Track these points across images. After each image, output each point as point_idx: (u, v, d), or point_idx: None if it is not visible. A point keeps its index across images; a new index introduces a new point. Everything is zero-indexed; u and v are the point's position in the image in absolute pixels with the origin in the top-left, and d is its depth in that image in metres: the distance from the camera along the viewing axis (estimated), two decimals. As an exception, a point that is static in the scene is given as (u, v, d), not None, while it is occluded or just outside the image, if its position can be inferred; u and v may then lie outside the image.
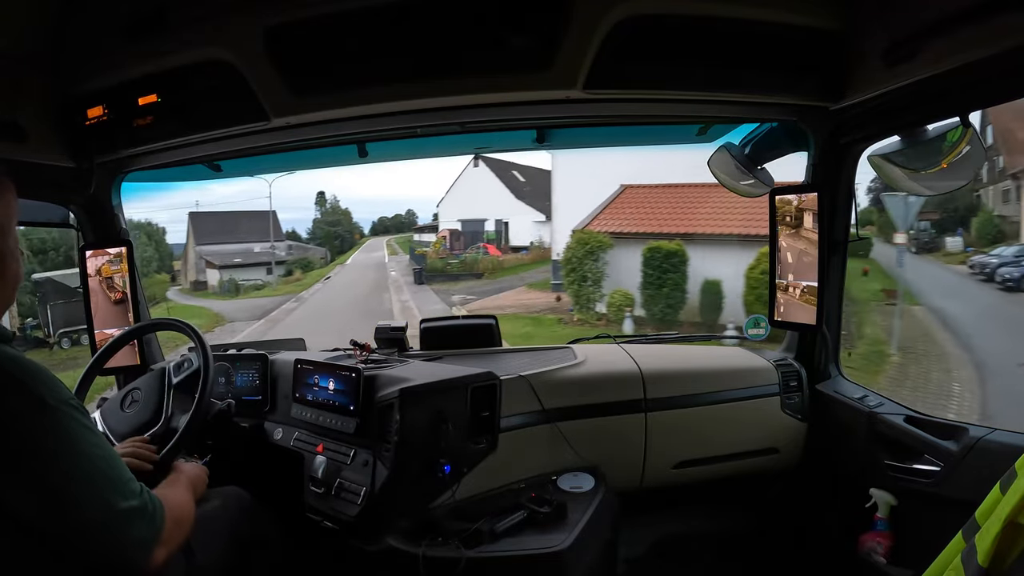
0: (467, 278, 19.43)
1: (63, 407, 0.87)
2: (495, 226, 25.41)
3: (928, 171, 1.41)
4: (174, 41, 1.48)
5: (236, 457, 1.61)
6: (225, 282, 24.04)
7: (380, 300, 16.77)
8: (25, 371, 0.86)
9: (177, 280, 26.34)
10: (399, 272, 23.13)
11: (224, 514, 1.33)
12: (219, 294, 23.41)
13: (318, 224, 36.25)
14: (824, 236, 1.74)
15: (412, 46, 1.42)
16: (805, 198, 1.78)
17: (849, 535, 1.66)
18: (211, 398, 1.46)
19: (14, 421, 0.83)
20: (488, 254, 22.29)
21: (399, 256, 29.34)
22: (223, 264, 25.13)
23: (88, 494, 0.86)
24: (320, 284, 22.78)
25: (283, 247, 29.21)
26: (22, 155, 1.54)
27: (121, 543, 0.88)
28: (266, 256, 25.83)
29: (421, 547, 1.39)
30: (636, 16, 1.36)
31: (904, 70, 1.30)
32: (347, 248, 35.56)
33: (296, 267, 27.15)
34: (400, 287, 19.06)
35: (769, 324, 2.00)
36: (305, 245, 32.73)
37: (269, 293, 22.18)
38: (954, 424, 1.51)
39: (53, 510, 0.84)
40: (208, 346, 1.49)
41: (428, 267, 20.65)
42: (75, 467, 0.85)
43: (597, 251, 11.40)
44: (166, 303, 19.77)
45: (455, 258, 21.84)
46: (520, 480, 1.68)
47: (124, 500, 0.88)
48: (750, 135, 1.93)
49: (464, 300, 15.57)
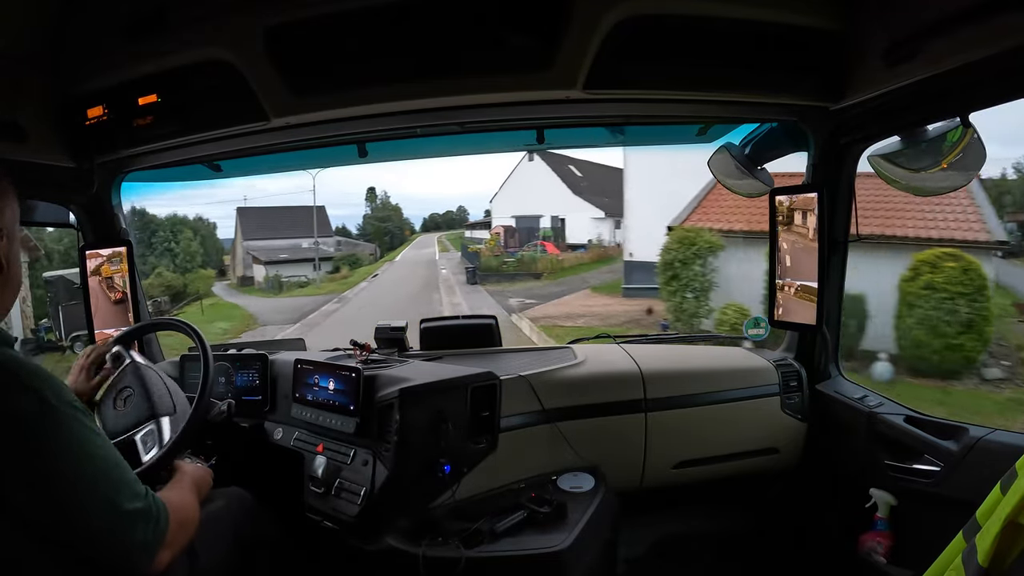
0: (524, 278, 18.10)
1: (66, 409, 0.86)
2: (551, 223, 24.18)
3: (928, 171, 1.42)
4: (174, 41, 1.48)
5: (236, 457, 1.60)
6: (270, 278, 23.52)
7: (429, 301, 15.49)
8: (28, 373, 0.86)
9: (227, 275, 25.87)
10: (450, 270, 21.73)
11: (227, 515, 1.33)
12: (264, 291, 22.88)
13: (368, 220, 36.01)
14: (824, 236, 1.74)
15: (412, 46, 1.42)
16: (805, 198, 1.78)
17: (849, 535, 1.66)
18: (211, 398, 1.45)
19: (18, 423, 0.83)
20: (546, 252, 20.90)
21: (450, 253, 28.09)
22: (269, 260, 24.64)
23: (92, 496, 0.85)
24: (366, 283, 21.85)
25: (332, 243, 28.58)
26: (22, 155, 1.54)
27: (124, 546, 0.88)
28: (312, 252, 25.14)
29: (421, 547, 1.39)
30: (636, 16, 1.36)
31: (904, 70, 1.29)
32: (397, 244, 35.01)
33: (343, 264, 26.36)
34: (451, 287, 17.82)
35: (769, 324, 2.00)
36: (354, 241, 32.31)
37: (312, 291, 21.24)
38: (954, 424, 1.51)
39: (56, 512, 0.84)
40: (208, 346, 1.49)
41: (482, 266, 19.32)
42: (79, 469, 0.85)
43: (705, 253, 8.87)
44: (200, 302, 19.04)
45: (510, 256, 20.56)
46: (520, 480, 1.68)
47: (128, 503, 0.88)
48: (750, 135, 1.93)
49: (523, 304, 13.91)
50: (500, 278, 18.00)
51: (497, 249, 21.77)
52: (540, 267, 18.95)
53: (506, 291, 16.12)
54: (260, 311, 17.09)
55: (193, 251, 23.55)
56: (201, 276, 22.42)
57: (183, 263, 22.96)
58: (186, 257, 23.32)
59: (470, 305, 14.04)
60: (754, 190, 1.96)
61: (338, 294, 19.19)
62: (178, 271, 22.51)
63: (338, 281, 23.07)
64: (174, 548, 0.95)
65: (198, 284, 21.56)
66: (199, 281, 21.86)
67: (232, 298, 21.53)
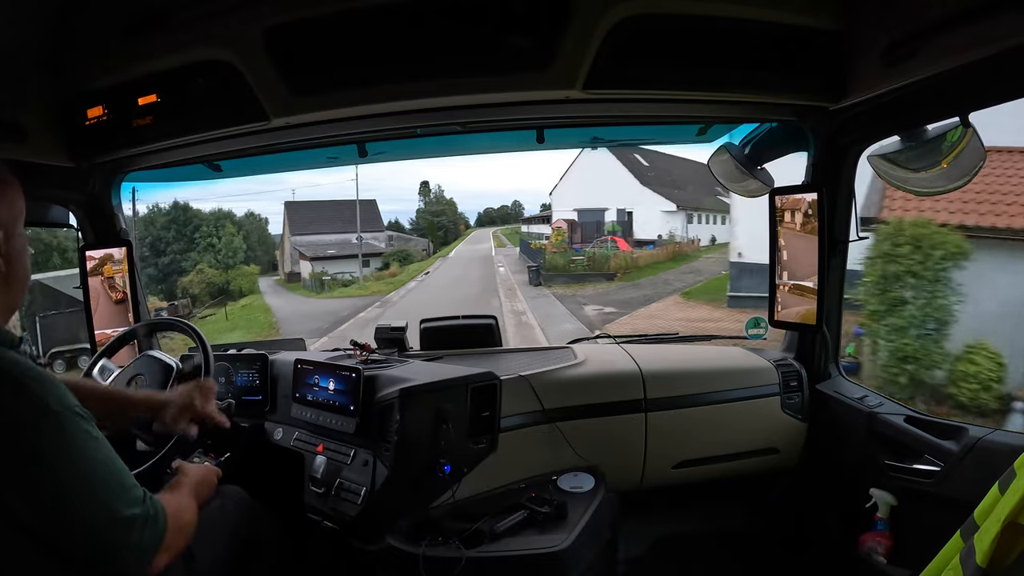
0: (595, 279, 15.99)
1: (67, 413, 0.86)
2: (616, 216, 22.16)
3: (928, 171, 1.42)
4: (174, 41, 1.48)
5: (236, 457, 1.61)
6: (315, 276, 22.53)
7: (487, 306, 12.58)
8: (30, 376, 0.86)
9: (277, 270, 25.12)
10: (508, 267, 19.83)
11: (223, 514, 1.33)
12: (308, 289, 21.77)
13: (421, 214, 35.35)
14: (824, 236, 1.74)
15: (412, 46, 1.42)
16: (805, 198, 1.78)
17: (849, 535, 1.66)
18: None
19: (18, 425, 0.83)
20: (618, 249, 18.66)
21: (507, 249, 26.25)
22: (314, 256, 23.68)
23: (90, 500, 0.85)
24: (415, 282, 19.90)
25: (383, 238, 27.76)
26: (22, 155, 1.54)
27: (121, 551, 0.88)
28: (357, 248, 23.99)
29: (421, 547, 1.39)
30: (636, 16, 1.36)
31: (904, 70, 1.29)
32: (451, 239, 34.10)
33: (393, 259, 25.24)
34: (512, 289, 15.47)
35: (769, 324, 2.00)
36: (407, 236, 31.67)
37: (356, 291, 19.50)
38: (954, 424, 1.52)
39: (54, 515, 0.84)
40: (209, 346, 1.49)
41: (547, 264, 17.13)
42: (78, 473, 0.85)
43: (946, 262, 5.34)
44: (225, 308, 17.48)
45: (576, 253, 18.44)
46: (520, 480, 1.68)
47: (126, 507, 0.88)
48: (750, 135, 1.93)
49: (602, 314, 11.32)
50: (567, 278, 15.86)
51: (563, 245, 19.57)
52: (613, 266, 16.89)
53: (577, 296, 14.06)
54: (290, 316, 15.38)
55: (235, 246, 22.95)
56: (244, 273, 21.52)
57: (225, 259, 22.37)
58: (228, 253, 22.78)
59: (539, 315, 10.96)
60: (754, 190, 1.96)
61: (382, 295, 17.41)
62: (220, 267, 21.75)
63: (385, 280, 21.67)
64: (171, 552, 0.95)
65: (240, 281, 20.69)
66: (241, 278, 21.01)
67: (275, 297, 20.32)
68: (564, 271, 16.52)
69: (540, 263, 17.12)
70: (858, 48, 1.42)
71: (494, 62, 1.42)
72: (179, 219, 24.14)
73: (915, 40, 1.24)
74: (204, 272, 20.93)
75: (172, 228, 23.87)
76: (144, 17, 1.46)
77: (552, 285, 15.34)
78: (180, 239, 23.76)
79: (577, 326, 10.03)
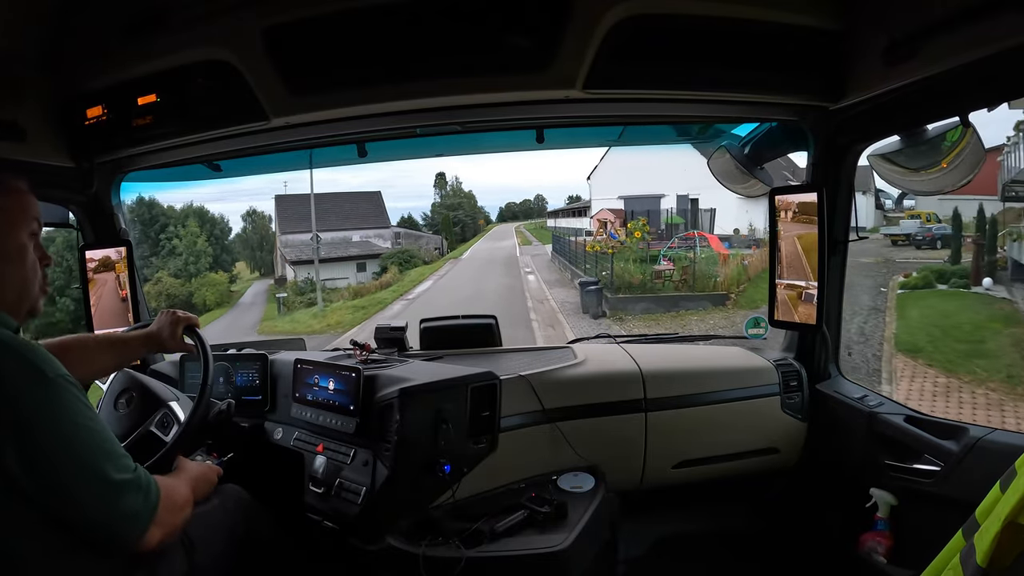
0: (696, 304, 9.71)
1: (61, 380, 0.89)
2: (677, 204, 16.26)
3: (928, 171, 1.42)
4: (174, 41, 1.48)
5: (236, 457, 1.61)
6: (300, 283, 18.04)
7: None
8: (25, 346, 0.90)
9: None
10: (538, 275, 14.02)
11: (222, 513, 1.33)
12: (294, 303, 16.68)
13: (436, 209, 31.88)
14: (824, 236, 1.74)
15: (412, 46, 1.42)
16: (804, 198, 1.78)
17: (849, 535, 1.66)
18: (211, 398, 1.45)
19: (15, 392, 0.85)
20: (711, 250, 12.19)
21: (534, 247, 20.32)
22: (296, 259, 18.82)
23: (82, 463, 0.88)
24: (400, 304, 14.15)
25: (389, 235, 23.52)
26: (22, 155, 1.55)
27: (114, 514, 0.90)
28: (360, 248, 20.04)
29: (421, 547, 1.39)
30: (636, 16, 1.36)
31: (904, 70, 1.30)
32: (470, 236, 29.69)
33: (392, 262, 19.86)
34: (556, 322, 9.23)
35: (769, 324, 2.00)
36: (418, 233, 27.53)
37: (328, 315, 14.10)
38: (954, 424, 1.51)
39: (48, 479, 0.86)
40: (208, 346, 1.49)
41: (618, 279, 10.62)
42: (71, 437, 0.88)
43: None
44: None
45: (656, 257, 11.57)
46: (520, 480, 1.68)
47: (117, 472, 0.91)
48: (750, 135, 1.93)
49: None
50: (648, 303, 9.54)
51: (640, 242, 12.71)
52: (727, 284, 10.25)
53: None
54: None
55: (199, 250, 18.92)
56: (211, 282, 17.28)
57: (187, 265, 18.55)
58: (191, 258, 18.80)
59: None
60: (754, 190, 1.96)
61: (336, 333, 12.05)
62: (182, 276, 17.77)
63: (370, 294, 16.36)
64: (164, 528, 0.96)
65: (205, 292, 16.89)
66: (207, 289, 17.03)
67: (237, 314, 16.82)
68: (643, 290, 10.25)
69: (601, 283, 10.57)
70: (858, 48, 1.42)
71: (494, 62, 1.42)
72: (144, 217, 19.89)
73: (915, 40, 1.24)
74: (163, 282, 16.99)
75: (136, 227, 18.97)
76: (144, 17, 1.46)
77: (621, 313, 9.31)
78: (145, 241, 19.27)
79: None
